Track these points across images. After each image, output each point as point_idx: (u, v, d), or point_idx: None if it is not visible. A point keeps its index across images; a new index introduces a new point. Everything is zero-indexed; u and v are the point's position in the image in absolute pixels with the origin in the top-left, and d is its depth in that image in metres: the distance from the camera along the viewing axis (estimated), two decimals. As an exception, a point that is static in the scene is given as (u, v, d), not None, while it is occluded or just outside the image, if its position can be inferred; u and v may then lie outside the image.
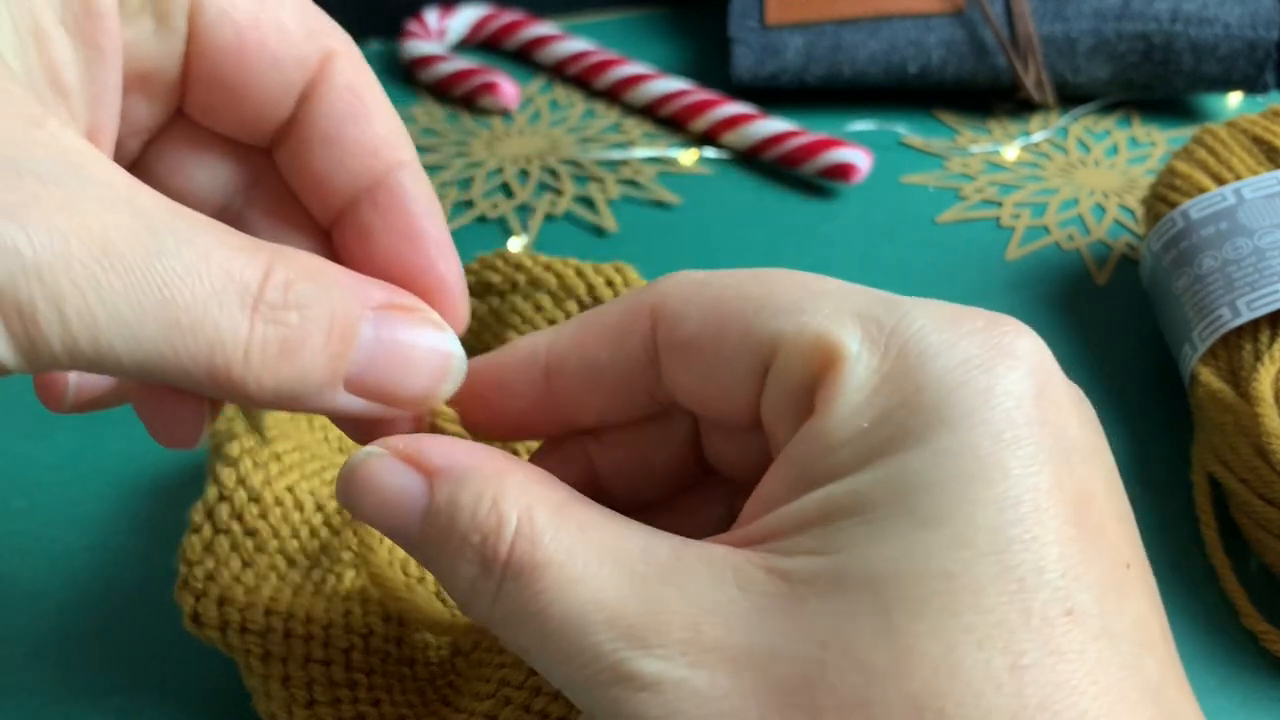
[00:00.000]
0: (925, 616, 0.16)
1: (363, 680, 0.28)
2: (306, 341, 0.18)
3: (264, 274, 0.18)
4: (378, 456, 0.20)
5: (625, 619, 0.18)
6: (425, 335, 0.21)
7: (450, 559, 0.19)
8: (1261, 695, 0.32)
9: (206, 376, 0.18)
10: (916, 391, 0.18)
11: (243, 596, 0.28)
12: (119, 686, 0.32)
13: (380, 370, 0.20)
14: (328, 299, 0.19)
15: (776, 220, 0.52)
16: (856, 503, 0.18)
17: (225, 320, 0.17)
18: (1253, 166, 0.39)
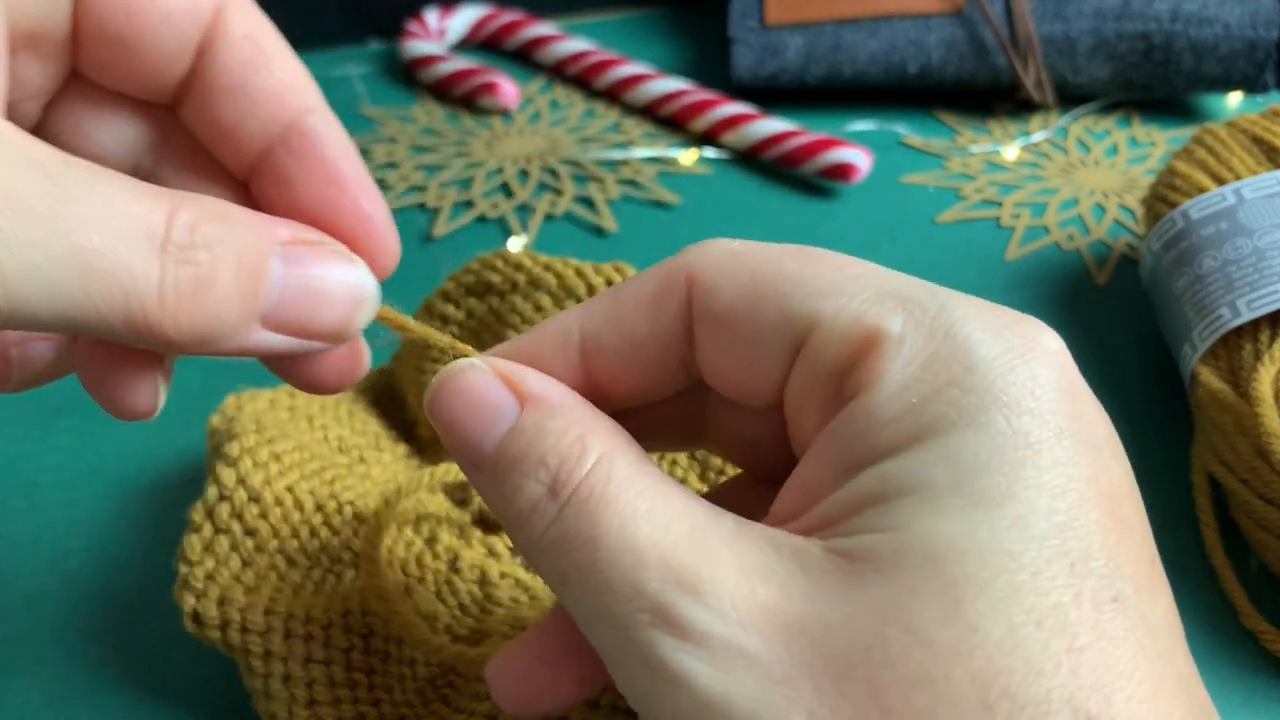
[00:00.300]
0: (989, 595, 0.17)
1: (363, 680, 0.28)
2: (217, 280, 0.18)
3: (169, 216, 0.18)
4: (478, 369, 0.21)
5: (679, 563, 0.18)
6: (335, 268, 0.20)
7: (519, 477, 0.20)
8: (1262, 695, 0.32)
9: (124, 323, 0.18)
10: (966, 372, 0.18)
11: (243, 596, 0.28)
12: (119, 686, 0.32)
13: (294, 305, 0.20)
14: (235, 237, 0.19)
15: (776, 220, 0.52)
16: (913, 480, 0.18)
17: (136, 263, 0.17)
18: (1253, 166, 0.39)
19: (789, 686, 0.17)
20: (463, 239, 0.50)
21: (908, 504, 0.17)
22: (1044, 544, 0.17)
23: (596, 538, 0.19)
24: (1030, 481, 0.17)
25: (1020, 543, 0.17)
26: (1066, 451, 0.18)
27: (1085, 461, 0.18)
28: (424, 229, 0.51)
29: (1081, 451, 0.18)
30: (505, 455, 0.20)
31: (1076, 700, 0.16)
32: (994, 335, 0.19)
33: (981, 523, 0.17)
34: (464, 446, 0.21)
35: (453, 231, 0.50)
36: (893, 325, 0.19)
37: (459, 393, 0.21)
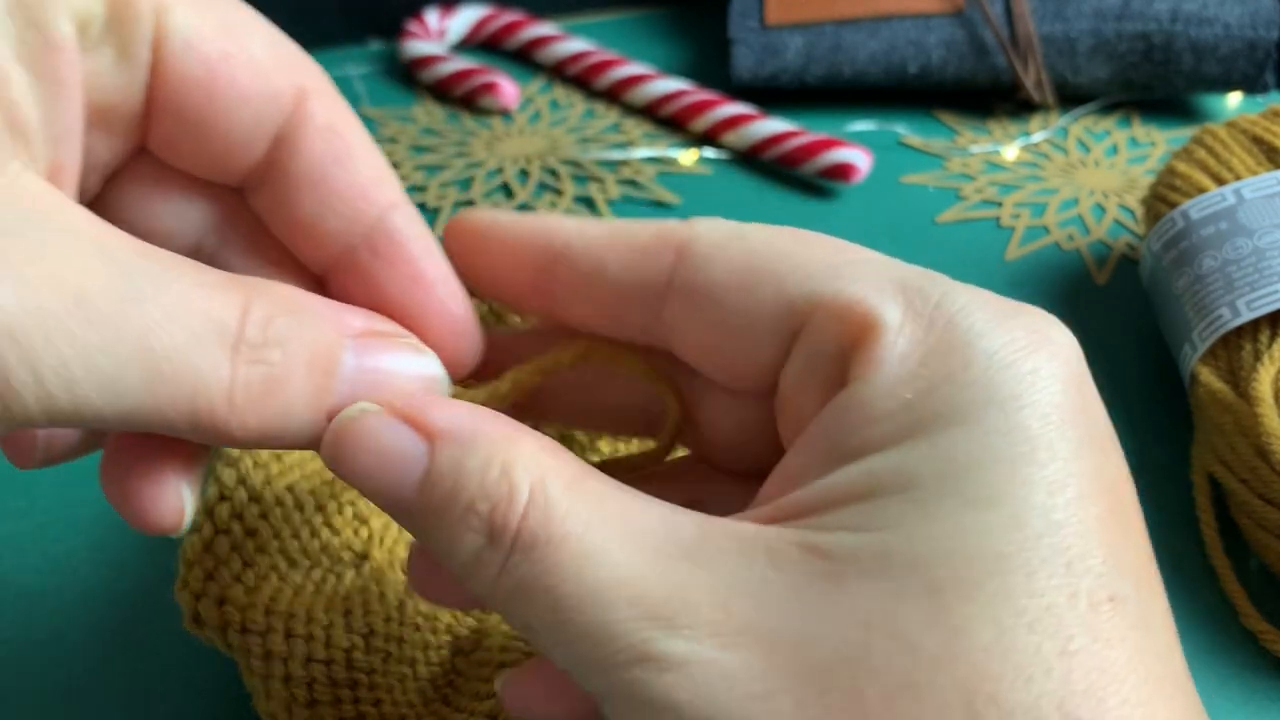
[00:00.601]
0: (978, 599, 0.16)
1: (363, 680, 0.28)
2: (289, 378, 0.18)
3: (242, 312, 0.17)
4: (373, 414, 0.19)
5: (649, 598, 0.17)
6: (407, 360, 0.20)
7: (452, 528, 0.18)
8: (1262, 695, 0.32)
9: (189, 423, 0.17)
10: (964, 367, 0.18)
11: (243, 596, 0.28)
12: (119, 686, 0.32)
13: (362, 396, 0.19)
14: (307, 331, 0.18)
15: (776, 220, 0.51)
16: (901, 479, 0.17)
17: (206, 364, 0.17)
18: (1253, 167, 0.39)
19: (768, 700, 0.16)
20: (463, 239, 0.50)
21: (894, 503, 0.17)
22: (1039, 542, 0.16)
23: (554, 587, 0.17)
24: (1026, 478, 0.17)
25: (1013, 543, 0.16)
26: (1068, 446, 0.17)
27: (1087, 456, 0.18)
28: (424, 229, 0.51)
29: (1084, 446, 0.18)
30: (427, 507, 0.19)
31: (1067, 706, 0.16)
32: (997, 328, 0.18)
33: (970, 524, 0.17)
34: (381, 501, 0.19)
35: (453, 232, 0.51)
36: (891, 314, 0.18)
37: (358, 447, 0.19)
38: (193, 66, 0.19)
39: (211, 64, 0.19)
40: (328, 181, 0.21)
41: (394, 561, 0.30)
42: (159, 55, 0.19)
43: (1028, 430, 0.17)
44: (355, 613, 0.29)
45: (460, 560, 0.18)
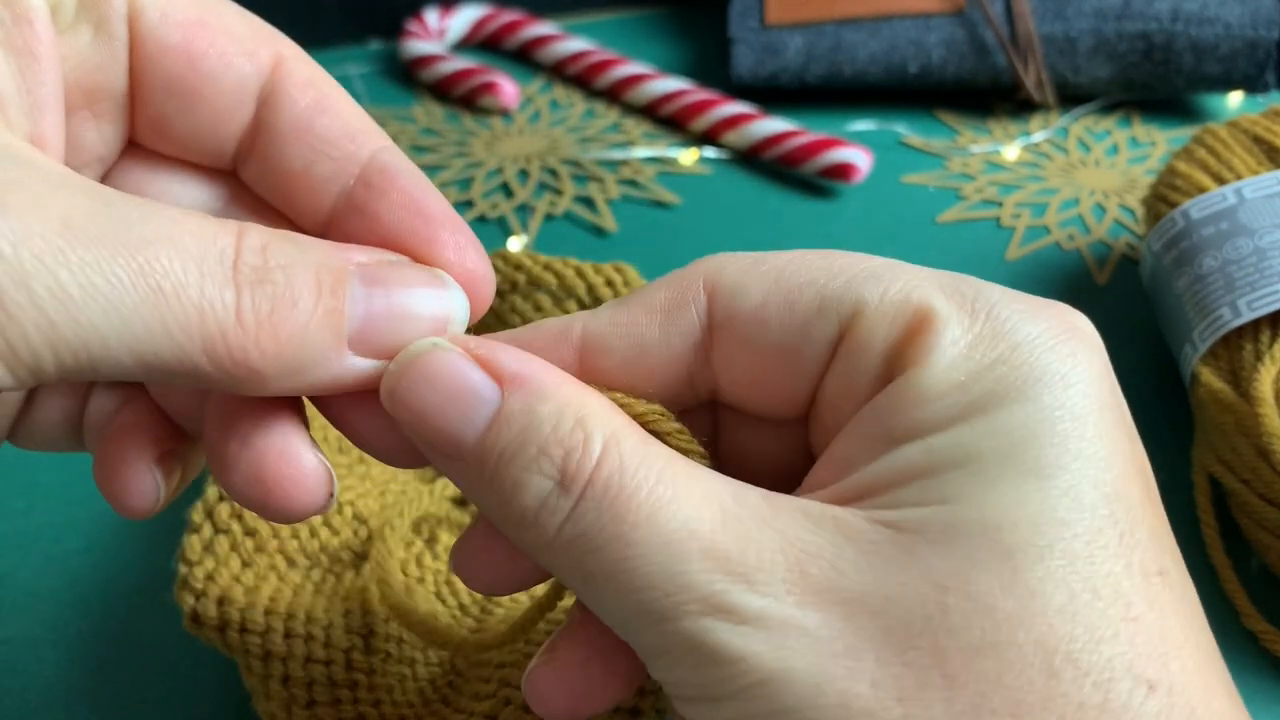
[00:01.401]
0: (1046, 562, 0.17)
1: (363, 680, 0.28)
2: (298, 299, 0.18)
3: (237, 238, 0.17)
4: (445, 350, 0.19)
5: (723, 552, 0.17)
6: (419, 287, 0.19)
7: (519, 471, 0.18)
8: (1263, 695, 0.32)
9: (205, 352, 0.17)
10: (1012, 350, 0.18)
11: (242, 597, 0.28)
12: (119, 687, 0.32)
13: (381, 324, 0.19)
14: (308, 256, 0.18)
15: (776, 220, 0.52)
16: (961, 454, 0.18)
17: (209, 285, 0.17)
18: (1253, 166, 0.39)
19: (851, 658, 0.17)
20: (463, 239, 0.50)
21: (958, 477, 0.17)
22: (1095, 513, 0.17)
23: (624, 534, 0.17)
24: (1079, 452, 0.18)
25: (1073, 511, 0.17)
26: (1110, 426, 0.18)
27: (1123, 437, 0.18)
28: (424, 229, 0.51)
29: (1119, 428, 0.19)
30: (493, 447, 0.18)
31: (1136, 668, 0.16)
32: (1032, 317, 0.19)
33: (1033, 492, 0.17)
34: (439, 440, 0.19)
35: (453, 231, 0.50)
36: (942, 306, 0.19)
37: (427, 379, 0.19)
38: (170, 35, 0.20)
39: (188, 31, 0.20)
40: (314, 129, 0.21)
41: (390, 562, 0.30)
42: (135, 30, 0.20)
43: (1076, 408, 0.18)
44: (355, 613, 0.29)
45: (523, 506, 0.18)
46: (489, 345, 0.19)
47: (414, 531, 0.31)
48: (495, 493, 0.19)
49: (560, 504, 0.18)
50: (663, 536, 0.17)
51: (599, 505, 0.18)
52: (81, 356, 0.16)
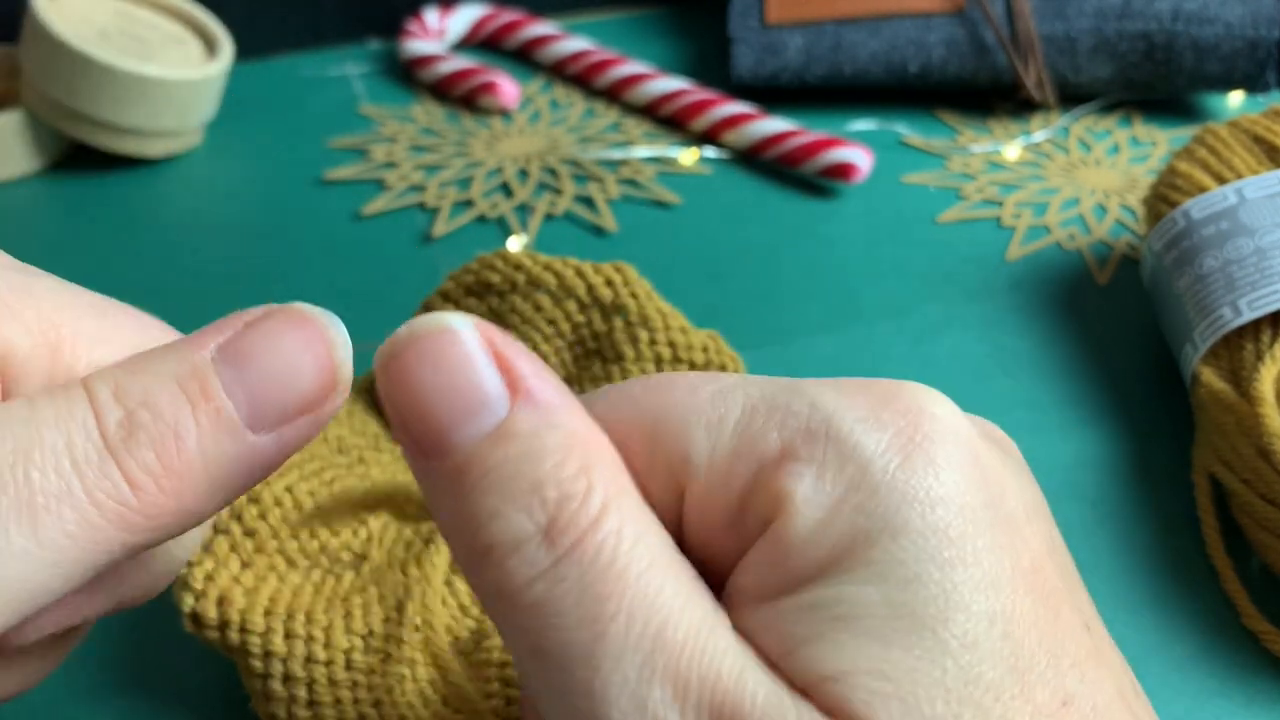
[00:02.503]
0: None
1: (362, 681, 0.28)
2: (175, 427, 0.16)
3: (90, 401, 0.16)
4: (466, 334, 0.17)
5: (685, 684, 0.15)
6: (282, 333, 0.18)
7: (501, 502, 0.16)
8: (1264, 696, 0.32)
9: (121, 542, 0.16)
10: (862, 473, 0.17)
11: (242, 597, 0.28)
12: (118, 687, 0.32)
13: (269, 395, 0.17)
14: (161, 374, 0.17)
15: (776, 220, 0.51)
16: (846, 610, 0.16)
17: (89, 474, 0.16)
18: (1254, 166, 0.39)
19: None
20: (462, 239, 0.50)
21: (851, 640, 0.16)
22: (997, 659, 0.16)
23: (600, 618, 0.15)
24: (965, 583, 0.16)
25: (975, 665, 0.16)
26: (986, 538, 0.16)
27: (1005, 542, 0.17)
28: (423, 229, 0.51)
29: (997, 530, 0.17)
30: (482, 462, 0.16)
31: None
32: (875, 427, 0.17)
33: (932, 649, 0.16)
34: (423, 430, 0.17)
35: (452, 231, 0.50)
36: (778, 441, 0.17)
37: (435, 359, 0.17)
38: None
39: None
40: None
41: (392, 562, 0.30)
42: None
43: (948, 530, 0.16)
44: (354, 613, 0.28)
45: (493, 542, 0.16)
46: (512, 346, 0.17)
47: (414, 532, 0.31)
48: (464, 512, 0.16)
49: (537, 556, 0.16)
50: (636, 640, 0.15)
51: (581, 574, 0.16)
52: (12, 620, 0.15)
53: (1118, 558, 0.36)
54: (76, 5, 0.53)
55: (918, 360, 0.43)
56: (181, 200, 0.53)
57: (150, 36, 0.54)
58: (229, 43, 0.55)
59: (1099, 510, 0.37)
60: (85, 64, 0.49)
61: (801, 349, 0.44)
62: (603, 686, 0.15)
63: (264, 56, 0.63)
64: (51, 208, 0.52)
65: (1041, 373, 0.43)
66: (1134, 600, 0.34)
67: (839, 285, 0.47)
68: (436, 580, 0.29)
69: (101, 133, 0.52)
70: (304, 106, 0.59)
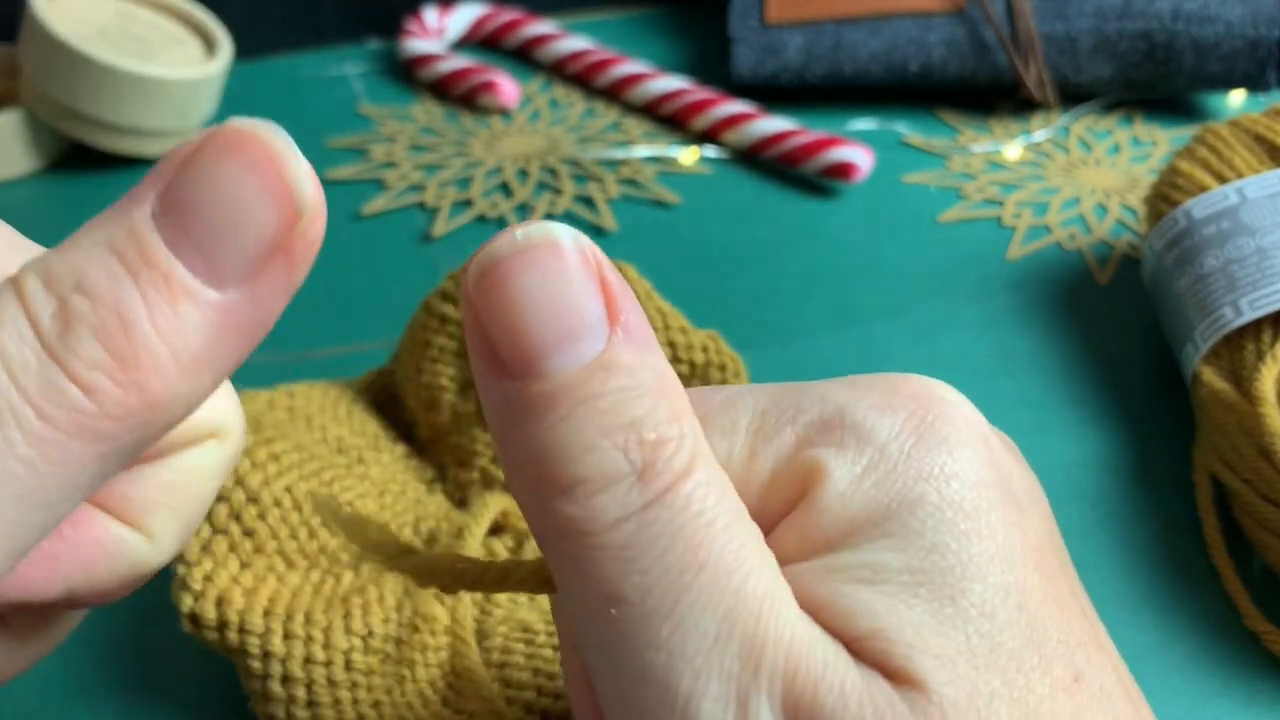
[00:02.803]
0: (991, 704, 0.16)
1: (362, 681, 0.28)
2: (118, 308, 0.14)
3: (18, 295, 0.14)
4: (577, 249, 0.16)
5: (756, 644, 0.15)
6: (221, 165, 0.14)
7: (597, 434, 0.15)
8: (1265, 697, 0.32)
9: (97, 454, 0.14)
10: (880, 455, 0.17)
11: (241, 598, 0.28)
12: (117, 688, 0.32)
13: (213, 238, 0.14)
14: (93, 244, 0.14)
15: (777, 220, 0.51)
16: (868, 574, 0.16)
17: (30, 384, 0.13)
18: (1255, 165, 0.39)
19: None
20: (462, 238, 0.50)
21: (874, 600, 0.16)
22: (1015, 630, 0.16)
23: (686, 569, 0.15)
24: (980, 554, 0.16)
25: (993, 634, 0.16)
26: (999, 513, 0.17)
27: (1013, 519, 0.17)
28: (423, 228, 0.51)
29: (1008, 508, 0.17)
30: (580, 390, 0.15)
31: None
32: (887, 411, 0.17)
33: (952, 616, 0.16)
34: (518, 348, 0.15)
35: (452, 231, 0.50)
36: (821, 448, 0.17)
37: (544, 273, 0.15)
38: None
39: None
40: None
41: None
42: None
43: (963, 504, 0.17)
44: (354, 614, 0.28)
45: (584, 475, 0.15)
46: (615, 272, 0.16)
47: (413, 532, 0.31)
48: (552, 442, 0.15)
49: (630, 496, 0.15)
50: (720, 594, 0.15)
51: (671, 519, 0.15)
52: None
53: (1118, 558, 0.36)
54: (76, 5, 0.53)
55: (918, 360, 0.43)
56: (181, 200, 0.53)
57: (150, 36, 0.54)
58: (228, 42, 0.55)
59: (1100, 510, 0.37)
60: (84, 64, 0.49)
61: (801, 349, 0.44)
62: (682, 641, 0.15)
63: (263, 56, 0.63)
64: (51, 207, 0.52)
65: (1042, 373, 0.43)
66: (1134, 600, 0.34)
67: (839, 285, 0.47)
68: None
69: (101, 132, 0.52)
70: (303, 106, 0.59)
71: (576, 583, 0.16)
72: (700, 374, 0.34)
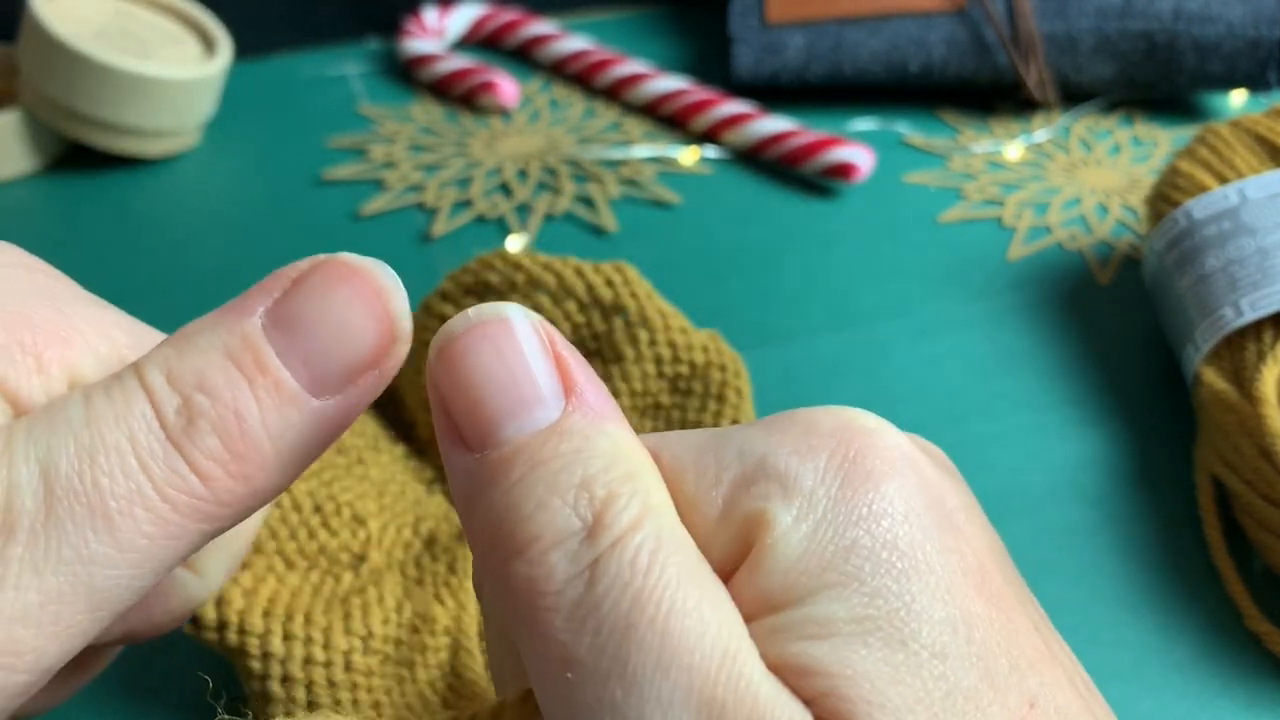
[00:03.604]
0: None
1: (362, 682, 0.28)
2: (234, 406, 0.16)
3: (145, 390, 0.16)
4: (530, 325, 0.17)
5: (710, 710, 0.15)
6: (329, 288, 0.17)
7: (548, 493, 0.16)
8: (1265, 698, 0.32)
9: (199, 531, 0.16)
10: (809, 501, 0.17)
11: (240, 599, 0.28)
12: (116, 688, 0.32)
13: (329, 357, 0.17)
14: (210, 348, 0.16)
15: (777, 220, 0.51)
16: (815, 629, 0.16)
17: (157, 471, 0.16)
18: (1256, 166, 0.39)
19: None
20: (461, 238, 0.50)
21: (825, 653, 0.15)
22: (968, 666, 0.16)
23: (636, 625, 0.15)
24: (922, 591, 0.16)
25: (950, 675, 0.15)
26: (935, 542, 0.16)
27: (950, 543, 0.17)
28: (422, 228, 0.50)
29: (945, 533, 0.17)
30: (533, 455, 0.16)
31: None
32: (809, 455, 0.17)
33: (906, 663, 0.15)
34: (474, 420, 0.16)
35: (451, 231, 0.50)
36: (750, 504, 0.17)
37: (498, 347, 0.16)
38: None
39: None
40: None
41: (391, 563, 0.30)
42: None
43: (900, 541, 0.16)
44: (354, 614, 0.28)
45: (536, 534, 0.16)
46: (568, 347, 0.17)
47: (413, 533, 0.31)
48: (506, 505, 0.16)
49: (580, 552, 0.15)
50: (669, 656, 0.15)
51: (620, 574, 0.15)
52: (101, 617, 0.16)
53: (1119, 558, 0.36)
54: (75, 4, 0.53)
55: (918, 360, 0.43)
56: (180, 200, 0.53)
57: (149, 35, 0.54)
58: (228, 42, 0.55)
59: (1100, 511, 0.37)
60: (83, 63, 0.49)
61: (801, 349, 0.44)
62: (638, 706, 0.15)
63: (263, 56, 0.63)
64: (50, 207, 0.52)
65: (1043, 373, 0.42)
66: (1135, 601, 0.34)
67: (839, 285, 0.47)
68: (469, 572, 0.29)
69: (100, 132, 0.52)
70: (303, 106, 0.59)
71: (534, 650, 0.16)
72: (700, 374, 0.34)
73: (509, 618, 0.16)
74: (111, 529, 0.15)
